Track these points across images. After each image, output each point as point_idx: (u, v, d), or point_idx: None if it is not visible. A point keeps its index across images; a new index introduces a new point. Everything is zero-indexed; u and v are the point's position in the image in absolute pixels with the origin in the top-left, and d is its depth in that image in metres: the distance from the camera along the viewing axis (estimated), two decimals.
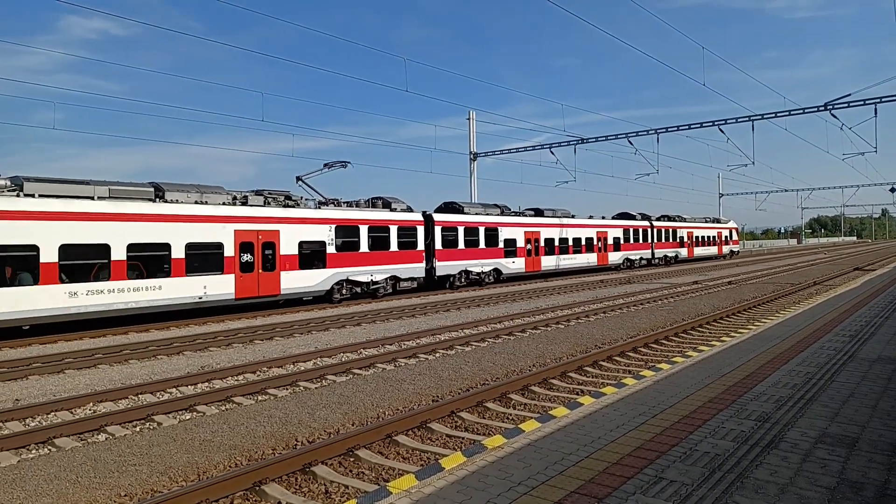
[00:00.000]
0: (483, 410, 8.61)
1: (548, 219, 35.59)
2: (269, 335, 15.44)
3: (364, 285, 24.04)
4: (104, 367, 12.06)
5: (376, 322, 17.91)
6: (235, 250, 19.52)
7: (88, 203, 16.25)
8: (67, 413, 8.80)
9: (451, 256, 28.41)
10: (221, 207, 19.52)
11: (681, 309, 19.57)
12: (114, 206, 16.74)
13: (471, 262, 29.58)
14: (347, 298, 23.58)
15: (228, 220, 19.48)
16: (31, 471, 6.50)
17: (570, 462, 4.85)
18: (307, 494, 5.94)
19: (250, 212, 20.17)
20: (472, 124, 42.00)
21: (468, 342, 13.93)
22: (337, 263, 22.80)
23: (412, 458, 6.86)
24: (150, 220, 17.53)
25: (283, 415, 8.47)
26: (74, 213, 15.87)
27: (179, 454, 6.98)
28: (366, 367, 11.57)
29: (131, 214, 17.11)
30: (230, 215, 19.60)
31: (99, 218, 16.38)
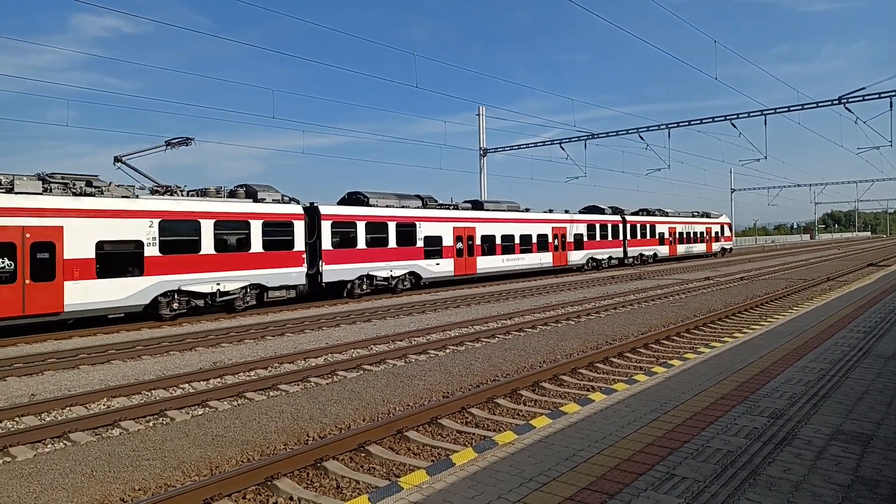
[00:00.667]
0: (493, 406, 8.61)
1: (487, 212, 30.93)
2: (281, 331, 15.52)
3: (208, 297, 18.85)
4: (117, 362, 12.18)
5: (386, 318, 17.94)
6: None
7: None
8: (82, 408, 8.90)
9: (347, 258, 23.25)
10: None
11: (692, 305, 19.45)
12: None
13: (375, 265, 24.41)
14: (184, 314, 18.64)
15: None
16: (47, 465, 6.59)
17: (581, 458, 4.84)
18: (319, 489, 5.97)
19: (10, 202, 15.00)
20: (482, 120, 41.93)
21: (478, 338, 13.93)
22: (162, 269, 17.68)
23: (423, 454, 6.87)
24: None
25: (294, 410, 8.52)
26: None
27: (192, 449, 7.04)
28: (376, 362, 11.61)
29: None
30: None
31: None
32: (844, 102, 29.30)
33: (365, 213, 24.42)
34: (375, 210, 25.09)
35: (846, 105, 29.36)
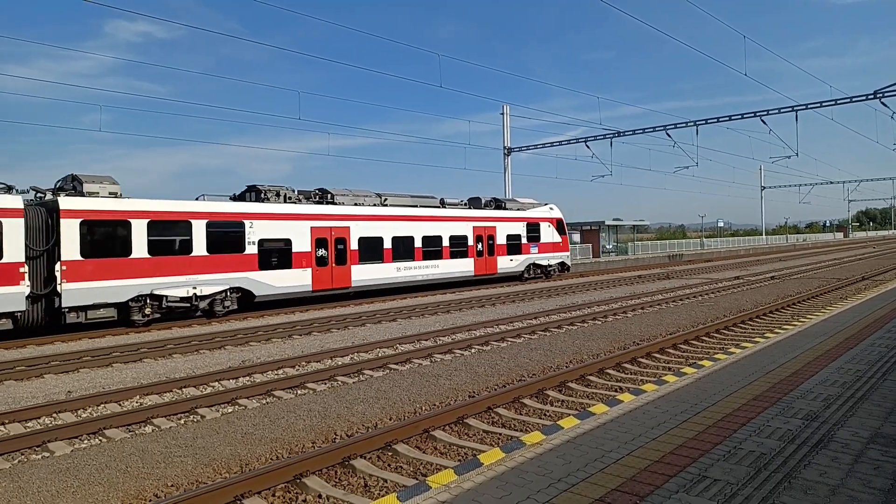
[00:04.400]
0: (520, 406, 8.58)
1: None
2: (308, 330, 15.67)
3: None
4: (149, 361, 12.43)
5: (412, 318, 18.00)
6: None
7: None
8: (116, 405, 9.10)
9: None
10: None
11: (722, 305, 19.12)
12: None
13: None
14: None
15: None
16: (84, 460, 6.75)
17: (611, 459, 4.79)
18: (346, 488, 6.01)
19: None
20: (506, 119, 41.83)
21: (503, 338, 13.89)
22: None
23: (449, 454, 6.88)
24: None
25: (321, 409, 8.60)
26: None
27: (222, 446, 7.15)
28: (402, 362, 11.65)
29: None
30: None
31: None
32: (880, 97, 28.52)
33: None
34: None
35: (882, 100, 28.58)
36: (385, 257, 24.10)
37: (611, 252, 50.17)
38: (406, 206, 25.87)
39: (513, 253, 30.24)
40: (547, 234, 32.30)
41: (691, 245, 65.87)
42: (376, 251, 23.84)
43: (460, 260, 27.39)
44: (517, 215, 30.86)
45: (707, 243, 68.96)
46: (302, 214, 21.46)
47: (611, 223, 51.34)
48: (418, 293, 25.28)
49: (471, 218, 28.30)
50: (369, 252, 23.51)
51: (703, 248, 65.48)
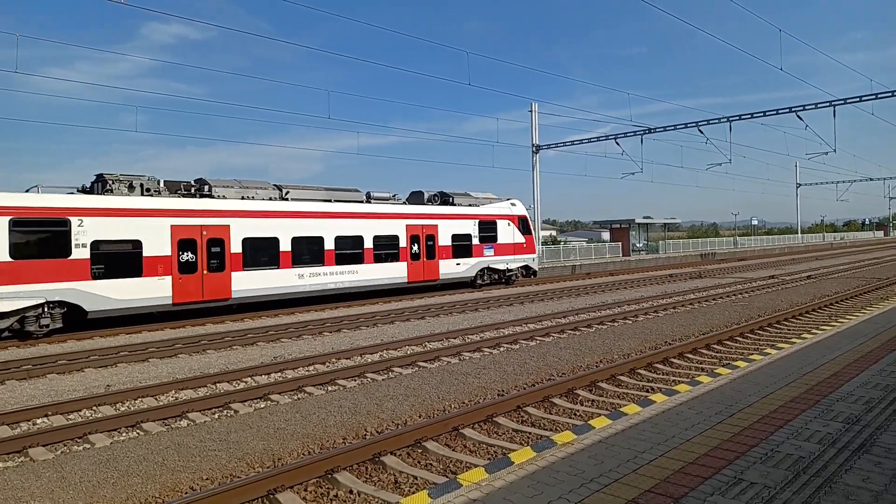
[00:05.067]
0: (549, 406, 8.53)
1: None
2: (338, 327, 15.83)
3: None
4: (184, 356, 12.70)
5: (440, 316, 18.04)
6: None
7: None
8: (152, 399, 9.32)
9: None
10: None
11: (756, 304, 18.72)
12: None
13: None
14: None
15: None
16: (123, 452, 6.93)
17: (644, 460, 4.74)
18: (377, 484, 6.06)
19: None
20: (535, 116, 41.57)
21: (532, 337, 13.83)
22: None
23: (479, 452, 6.88)
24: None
25: (352, 405, 8.67)
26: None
27: (255, 441, 7.27)
28: (431, 360, 11.68)
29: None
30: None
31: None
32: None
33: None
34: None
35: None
36: (282, 262, 19.79)
37: (641, 251, 49.50)
38: (314, 200, 21.69)
39: (461, 255, 25.87)
40: (506, 233, 27.88)
41: (724, 244, 64.63)
42: (269, 255, 19.54)
43: (389, 264, 23.09)
44: (467, 212, 26.54)
45: (740, 242, 67.58)
46: (158, 210, 17.24)
47: (641, 221, 50.66)
48: (446, 291, 25.28)
49: (403, 215, 23.96)
50: (259, 256, 19.26)
51: (737, 247, 64.19)
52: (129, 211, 16.73)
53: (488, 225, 27.24)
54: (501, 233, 27.68)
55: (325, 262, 21.04)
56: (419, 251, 24.21)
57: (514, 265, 28.18)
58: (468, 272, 26.23)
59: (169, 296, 17.22)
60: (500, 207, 28.22)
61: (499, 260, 27.51)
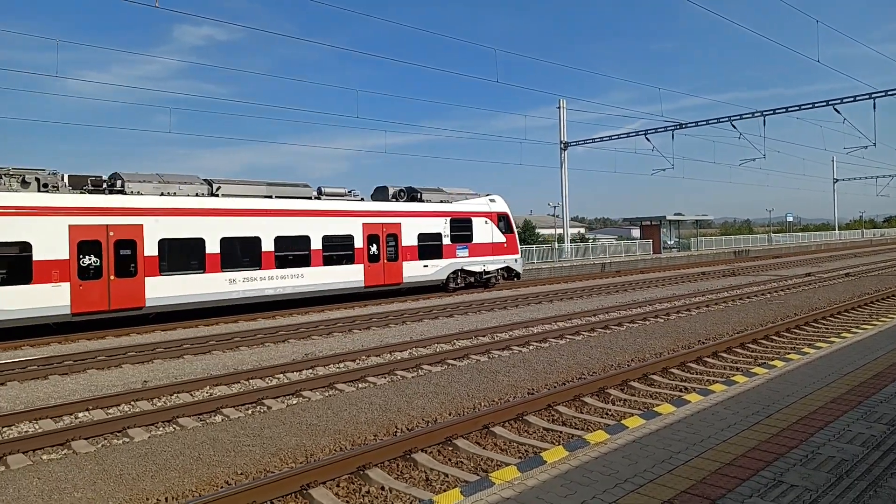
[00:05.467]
0: (580, 405, 8.46)
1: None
2: (367, 325, 15.94)
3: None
4: (217, 353, 12.93)
5: (468, 314, 18.03)
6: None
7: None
8: (188, 395, 9.51)
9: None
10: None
11: (792, 303, 18.28)
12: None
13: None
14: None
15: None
16: (160, 446, 7.09)
17: (679, 461, 4.66)
18: (408, 481, 6.09)
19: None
20: (563, 113, 41.23)
21: (562, 335, 13.73)
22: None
23: (510, 450, 6.86)
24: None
25: (382, 402, 8.73)
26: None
27: (288, 437, 7.36)
28: (460, 357, 11.69)
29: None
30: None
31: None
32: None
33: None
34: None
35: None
36: (209, 266, 17.76)
37: (672, 248, 48.73)
38: (251, 196, 19.37)
39: (429, 257, 23.52)
40: (482, 232, 25.50)
41: (758, 240, 63.27)
42: (193, 258, 17.60)
43: (342, 267, 20.85)
44: (436, 209, 24.20)
45: (775, 238, 66.06)
46: (54, 208, 15.35)
47: (672, 218, 49.87)
48: (475, 289, 25.23)
49: (359, 212, 21.62)
50: (180, 259, 17.37)
51: (771, 244, 62.76)
52: (15, 209, 14.79)
53: (462, 223, 24.86)
54: (478, 232, 25.32)
55: (263, 266, 18.85)
56: (378, 252, 21.95)
57: (492, 267, 25.75)
58: (438, 275, 23.80)
59: (67, 305, 15.28)
60: (477, 204, 25.85)
61: (474, 261, 25.11)
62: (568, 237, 42.16)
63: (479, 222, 25.46)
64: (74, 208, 15.71)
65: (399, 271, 22.61)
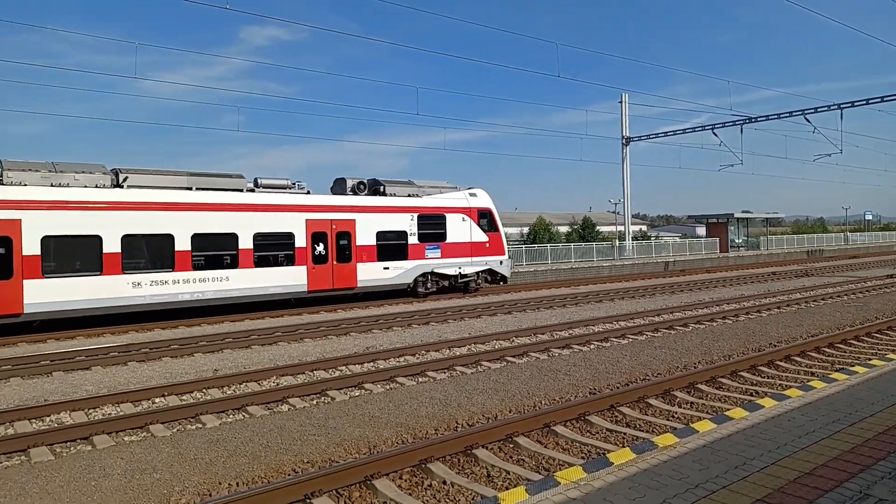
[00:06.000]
0: (645, 406, 8.25)
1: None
2: (426, 320, 16.07)
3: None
4: (283, 343, 13.34)
5: (527, 311, 17.91)
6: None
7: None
8: (255, 384, 9.85)
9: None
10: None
11: (872, 306, 17.24)
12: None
13: None
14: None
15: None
16: (231, 433, 7.37)
17: (754, 468, 4.48)
18: (470, 476, 6.10)
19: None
20: (625, 107, 40.28)
21: (624, 335, 13.43)
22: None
23: (572, 450, 6.76)
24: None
25: (442, 397, 8.78)
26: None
27: (352, 428, 7.51)
28: (519, 355, 11.62)
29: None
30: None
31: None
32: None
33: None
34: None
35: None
36: (107, 267, 15.57)
37: (740, 247, 46.83)
38: (163, 188, 17.01)
39: (391, 258, 20.83)
40: (459, 230, 22.61)
41: (833, 239, 59.99)
42: (87, 258, 15.46)
43: (279, 269, 18.47)
44: (400, 203, 21.46)
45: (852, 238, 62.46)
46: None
47: (740, 216, 47.94)
48: (540, 285, 25.01)
49: (301, 207, 19.12)
50: (70, 259, 15.29)
51: (848, 243, 59.39)
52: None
53: (432, 220, 22.02)
54: (452, 230, 22.46)
55: (177, 267, 16.64)
56: (326, 252, 19.37)
57: (470, 269, 22.87)
58: (402, 278, 21.13)
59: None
60: (452, 199, 22.91)
61: (448, 263, 22.27)
62: (629, 234, 41.20)
63: (454, 219, 22.58)
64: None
65: (352, 274, 19.97)
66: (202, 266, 17.10)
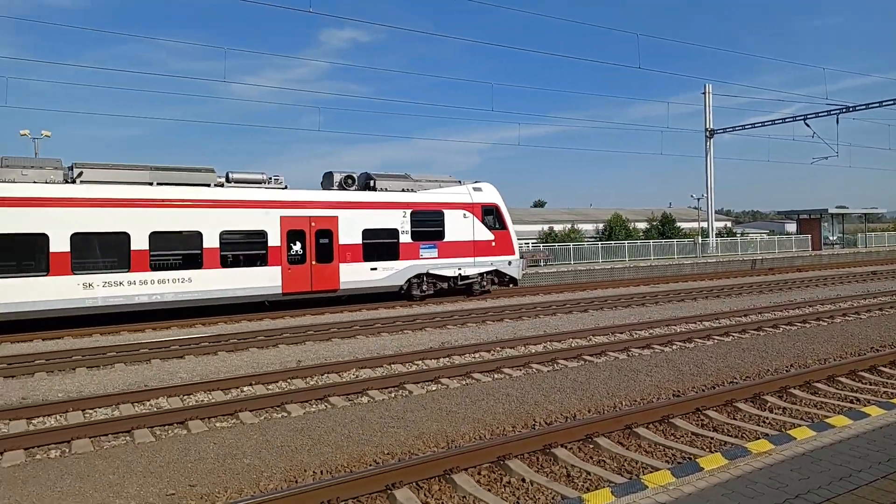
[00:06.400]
0: (733, 410, 7.87)
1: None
2: (500, 317, 16.03)
3: None
4: (361, 337, 13.67)
5: (604, 309, 17.50)
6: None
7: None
8: (336, 376, 10.14)
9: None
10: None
11: None
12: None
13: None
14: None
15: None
16: (314, 422, 7.62)
17: (862, 480, 4.18)
18: (549, 475, 6.02)
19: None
20: (709, 98, 38.60)
21: (709, 335, 12.87)
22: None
23: (656, 453, 6.55)
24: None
25: (519, 394, 8.72)
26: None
27: (429, 422, 7.59)
28: (597, 354, 11.37)
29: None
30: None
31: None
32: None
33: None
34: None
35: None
36: (54, 267, 14.78)
37: (834, 244, 43.86)
38: (125, 183, 16.13)
39: (380, 257, 19.33)
40: (459, 227, 20.78)
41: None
42: (31, 258, 14.81)
43: (250, 270, 17.29)
44: (391, 199, 19.84)
45: None
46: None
47: (834, 211, 44.91)
48: (616, 283, 24.42)
49: (275, 203, 17.81)
50: (10, 259, 14.61)
51: None
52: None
53: (428, 216, 20.32)
54: (452, 227, 20.65)
55: (133, 268, 15.70)
56: (303, 252, 18.11)
57: (472, 270, 21.03)
58: (392, 279, 19.54)
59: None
60: (451, 193, 21.03)
61: (446, 263, 20.48)
62: (713, 231, 39.46)
63: (453, 216, 20.74)
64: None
65: (333, 275, 18.59)
66: (161, 266, 16.18)
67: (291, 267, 17.88)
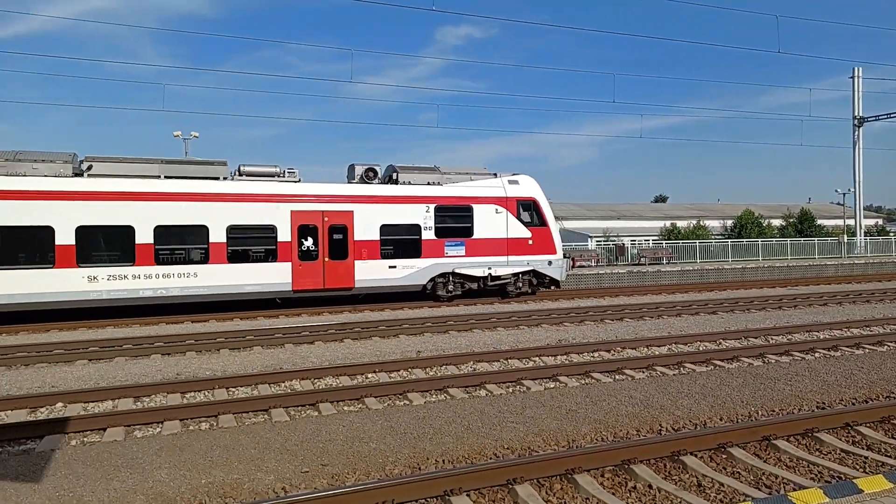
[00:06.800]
0: (891, 429, 7.08)
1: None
2: (620, 316, 15.53)
3: None
4: (478, 331, 13.83)
5: (734, 311, 16.40)
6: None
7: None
8: (454, 368, 10.30)
9: None
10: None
11: None
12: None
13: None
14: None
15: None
16: (435, 412, 7.80)
17: None
18: (678, 483, 5.74)
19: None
20: (858, 83, 34.91)
21: (859, 344, 11.67)
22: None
23: (799, 469, 6.03)
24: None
25: (643, 397, 8.39)
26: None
27: (549, 419, 7.51)
28: (728, 359, 10.68)
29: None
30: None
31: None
32: None
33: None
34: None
35: None
36: (59, 259, 15.09)
37: None
38: (135, 176, 16.22)
39: (400, 254, 18.44)
40: (490, 223, 19.36)
41: None
42: (38, 250, 15.13)
43: (258, 265, 17.02)
44: (412, 193, 18.74)
45: None
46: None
47: None
48: (748, 283, 22.82)
49: (286, 197, 17.30)
50: (17, 251, 15.02)
51: None
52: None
53: (454, 211, 19.15)
54: (481, 223, 19.31)
55: (138, 261, 15.78)
56: (316, 247, 17.53)
57: (504, 270, 19.61)
58: (413, 278, 18.58)
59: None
60: (482, 187, 19.61)
61: (474, 262, 19.19)
62: (861, 229, 35.66)
63: (483, 210, 19.37)
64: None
65: (348, 272, 17.92)
66: (167, 260, 16.19)
67: (303, 263, 17.47)
